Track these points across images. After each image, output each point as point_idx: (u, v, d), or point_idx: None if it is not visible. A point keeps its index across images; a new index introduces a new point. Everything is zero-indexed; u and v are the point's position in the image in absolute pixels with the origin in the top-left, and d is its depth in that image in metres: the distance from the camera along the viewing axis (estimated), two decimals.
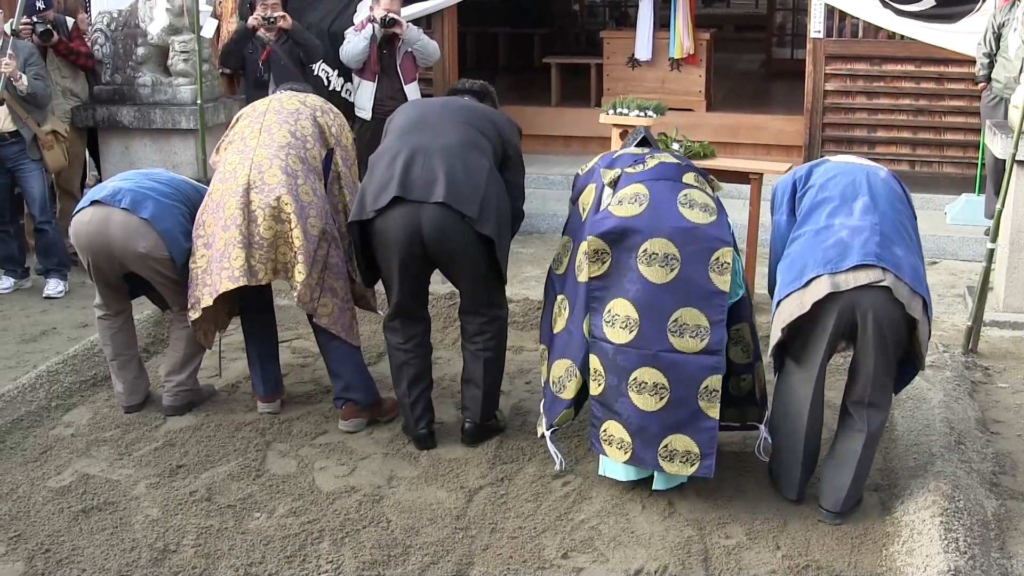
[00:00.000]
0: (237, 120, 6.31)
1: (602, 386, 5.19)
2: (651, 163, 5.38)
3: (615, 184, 5.34)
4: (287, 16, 9.23)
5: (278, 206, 5.75)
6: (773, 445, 5.38)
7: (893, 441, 5.82)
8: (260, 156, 5.90)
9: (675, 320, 5.04)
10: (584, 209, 5.48)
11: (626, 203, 5.19)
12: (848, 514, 5.13)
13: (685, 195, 5.20)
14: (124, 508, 5.33)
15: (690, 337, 5.04)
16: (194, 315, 5.95)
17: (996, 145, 8.09)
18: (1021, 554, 4.91)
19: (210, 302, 5.85)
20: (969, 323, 7.28)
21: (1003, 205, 7.23)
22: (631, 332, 5.08)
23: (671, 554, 4.89)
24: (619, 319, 5.11)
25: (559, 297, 5.49)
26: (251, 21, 9.17)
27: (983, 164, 9.96)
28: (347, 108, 9.47)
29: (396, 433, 6.06)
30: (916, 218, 5.43)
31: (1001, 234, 7.45)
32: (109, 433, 6.09)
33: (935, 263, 9.53)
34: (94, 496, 5.43)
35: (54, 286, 8.73)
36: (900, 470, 5.49)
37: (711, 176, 5.51)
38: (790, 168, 8.46)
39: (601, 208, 5.31)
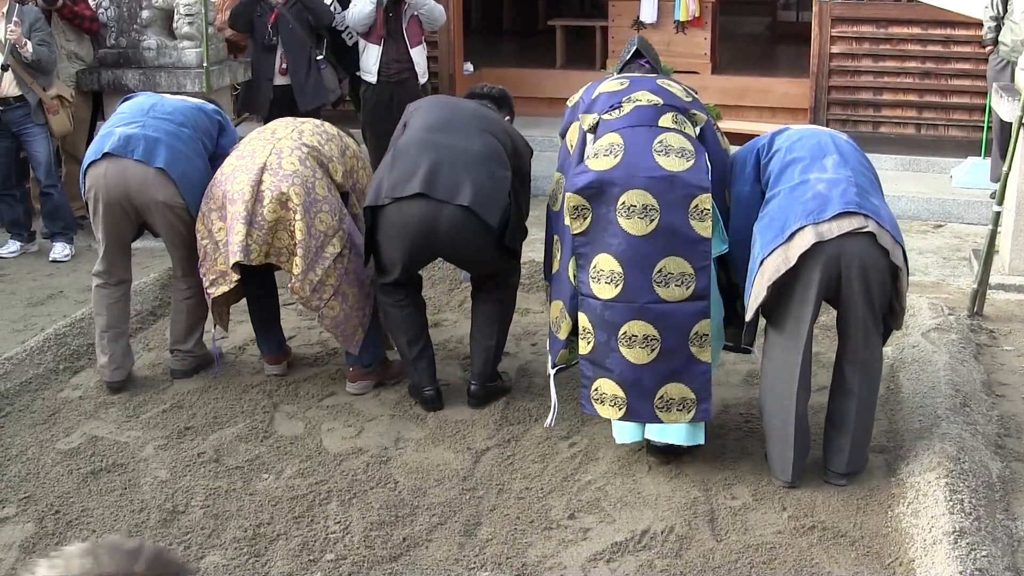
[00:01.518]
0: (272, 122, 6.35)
1: (591, 343, 5.15)
2: (627, 108, 5.25)
3: (594, 130, 5.28)
4: None
5: (287, 193, 5.71)
6: (764, 424, 5.28)
7: (899, 403, 5.84)
8: (282, 145, 5.91)
9: (659, 271, 4.98)
10: (572, 147, 5.47)
11: (601, 155, 5.11)
12: (854, 475, 5.13)
13: (660, 141, 5.09)
14: (133, 470, 5.36)
15: (675, 286, 4.99)
16: (216, 291, 5.94)
17: (1002, 108, 8.09)
18: None
19: (235, 279, 5.85)
20: (975, 286, 7.28)
21: (1009, 168, 7.22)
22: (616, 286, 5.04)
23: (677, 515, 4.91)
24: (604, 274, 5.06)
25: (555, 236, 5.51)
26: None
27: (989, 127, 9.95)
28: None
29: (403, 395, 6.09)
30: (879, 180, 5.38)
31: (1007, 197, 7.44)
32: (117, 395, 6.11)
33: (940, 226, 9.55)
34: (103, 458, 5.46)
35: (60, 250, 8.75)
36: (905, 432, 5.50)
37: (694, 111, 5.32)
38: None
39: (584, 157, 5.26)
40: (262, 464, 5.40)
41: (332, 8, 9.54)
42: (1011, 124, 7.51)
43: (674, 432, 5.20)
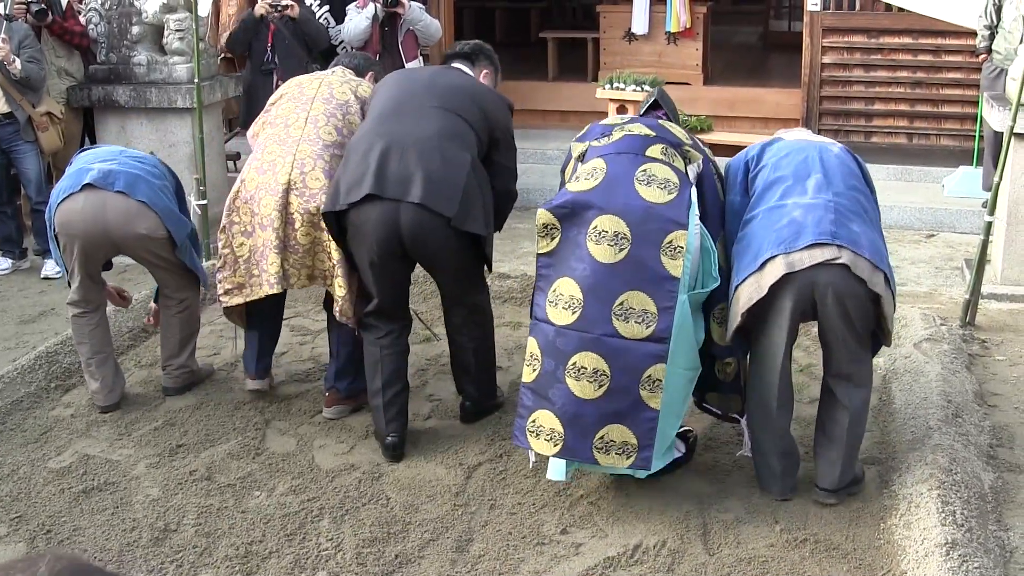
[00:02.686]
0: (280, 97, 6.10)
1: (536, 371, 4.90)
2: (617, 135, 5.10)
3: (583, 158, 5.14)
4: (295, 5, 9.18)
5: (318, 214, 5.54)
6: (751, 438, 5.24)
7: (891, 414, 5.84)
8: (304, 153, 5.68)
9: (621, 303, 4.75)
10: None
11: (582, 179, 4.96)
12: (844, 492, 5.07)
13: (644, 170, 4.91)
14: (124, 488, 5.34)
15: (635, 322, 4.75)
16: (229, 300, 5.89)
17: (993, 118, 8.09)
18: (1018, 526, 4.92)
19: (256, 297, 5.79)
20: (967, 296, 7.29)
21: (1001, 178, 7.23)
22: (574, 313, 4.80)
23: (670, 529, 4.90)
24: (563, 299, 4.84)
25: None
26: (258, 8, 9.12)
27: (981, 136, 9.96)
28: None
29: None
30: (875, 192, 5.27)
31: (999, 207, 7.45)
32: (109, 413, 6.09)
33: (932, 236, 9.56)
34: (94, 476, 5.44)
35: (52, 267, 8.72)
36: (897, 443, 5.50)
37: (687, 147, 5.11)
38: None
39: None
40: (254, 481, 5.38)
41: (327, 27, 9.54)
42: (1002, 134, 7.52)
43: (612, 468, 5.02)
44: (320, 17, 9.57)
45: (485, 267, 5.75)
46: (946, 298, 7.77)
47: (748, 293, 4.85)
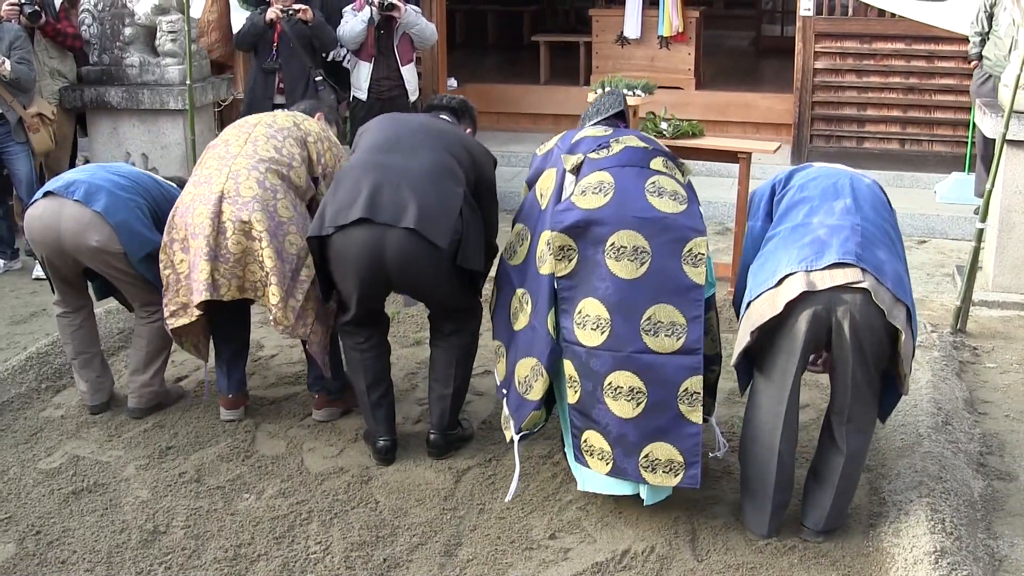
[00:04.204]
0: (226, 129, 6.04)
1: (578, 393, 4.86)
2: (616, 148, 5.01)
3: (578, 171, 4.99)
4: (308, 9, 9.15)
5: (249, 221, 5.46)
6: (742, 474, 5.00)
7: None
8: (239, 166, 5.60)
9: (648, 318, 4.71)
10: (541, 196, 5.13)
11: (590, 193, 4.85)
12: (831, 533, 4.87)
13: (653, 182, 4.86)
14: (114, 490, 5.34)
15: (665, 336, 4.71)
16: (175, 322, 5.70)
17: (986, 124, 8.11)
18: (1007, 534, 4.93)
19: (196, 315, 5.61)
20: (958, 303, 7.30)
21: (993, 184, 7.23)
22: (603, 333, 4.76)
23: (658, 534, 4.90)
24: (590, 320, 4.78)
25: (519, 291, 5.12)
26: (271, 13, 9.09)
27: (973, 143, 9.98)
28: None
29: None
30: (898, 228, 5.04)
31: (990, 213, 7.45)
32: (99, 415, 6.09)
33: (924, 242, 9.57)
34: (84, 478, 5.43)
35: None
36: (887, 450, 5.50)
37: (681, 160, 5.13)
38: (778, 148, 8.51)
39: (563, 198, 4.95)
40: (243, 484, 5.38)
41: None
42: (994, 140, 7.53)
43: (663, 492, 4.97)
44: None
45: (478, 297, 5.67)
46: (937, 305, 7.77)
47: (761, 310, 4.67)
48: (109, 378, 6.24)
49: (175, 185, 6.20)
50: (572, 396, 4.88)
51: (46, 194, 5.83)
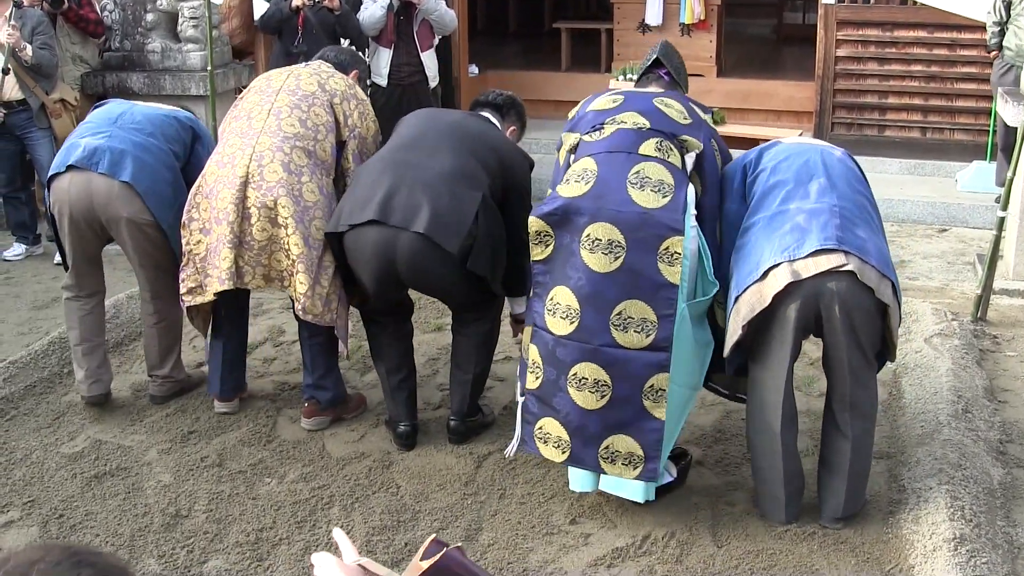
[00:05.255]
0: (248, 91, 5.91)
1: (540, 379, 4.80)
2: (608, 130, 4.89)
3: (574, 151, 4.95)
4: None
5: (275, 208, 5.38)
6: (752, 465, 5.04)
7: (901, 409, 5.84)
8: (263, 145, 5.49)
9: (619, 313, 4.61)
10: (561, 162, 5.10)
11: (572, 181, 4.76)
12: (850, 519, 4.87)
13: (637, 172, 4.70)
14: (136, 474, 5.37)
15: (635, 332, 4.60)
16: (191, 300, 5.65)
17: (1007, 113, 8.09)
18: None
19: (211, 297, 5.57)
20: (978, 291, 7.29)
21: (1014, 173, 7.22)
22: (572, 323, 4.67)
23: (678, 520, 4.92)
24: (560, 308, 4.70)
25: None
26: (296, 0, 9.10)
27: (994, 131, 9.95)
28: None
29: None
30: (874, 199, 5.04)
31: (1012, 202, 7.44)
32: (121, 399, 6.13)
33: (945, 230, 9.55)
34: (107, 462, 5.47)
35: None
36: (907, 438, 5.50)
37: (684, 137, 4.89)
38: (800, 136, 8.50)
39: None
40: (265, 468, 5.41)
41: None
42: (1016, 129, 7.51)
43: (630, 489, 4.87)
44: None
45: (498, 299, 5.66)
46: (958, 293, 7.76)
47: (750, 303, 4.65)
48: (108, 371, 6.12)
49: (189, 113, 6.20)
50: (533, 382, 4.84)
51: (69, 167, 5.72)
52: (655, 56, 5.46)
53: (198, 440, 5.69)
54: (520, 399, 5.02)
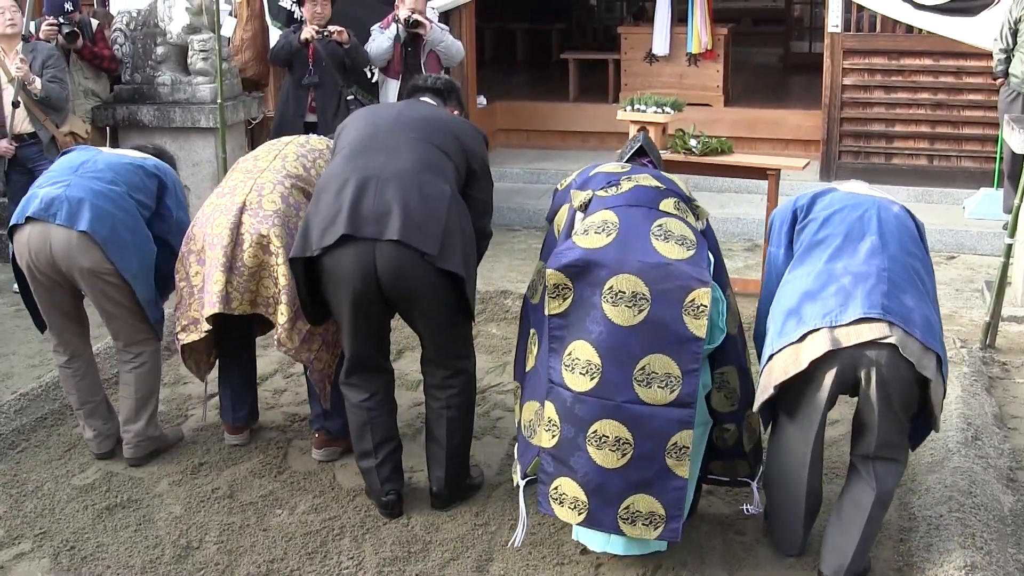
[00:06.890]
0: (233, 169, 5.83)
1: (556, 437, 4.58)
2: (626, 186, 4.77)
3: (585, 208, 4.78)
4: (344, 31, 9.16)
5: (268, 235, 5.33)
6: (769, 502, 4.95)
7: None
8: (264, 179, 5.52)
9: (642, 368, 4.45)
10: (559, 230, 4.96)
11: (592, 232, 4.59)
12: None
13: (660, 225, 4.59)
14: (147, 505, 5.39)
15: (659, 387, 4.45)
16: (185, 337, 5.60)
17: (1014, 140, 8.10)
18: None
19: (204, 332, 5.51)
20: (987, 318, 7.29)
21: (1021, 200, 7.22)
22: (592, 379, 4.49)
23: (689, 550, 4.91)
24: (579, 363, 4.51)
25: (532, 331, 4.93)
26: (305, 33, 9.12)
27: (1001, 158, 9.96)
28: None
29: (417, 428, 6.08)
30: (930, 260, 4.86)
31: (1019, 229, 7.43)
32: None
33: (953, 257, 9.55)
34: (118, 493, 5.49)
35: None
36: (917, 465, 5.50)
37: (696, 203, 4.86)
38: (807, 164, 8.52)
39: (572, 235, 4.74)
40: (276, 500, 5.42)
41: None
42: (1022, 156, 7.52)
43: (637, 545, 4.75)
44: None
45: (471, 326, 5.38)
46: (966, 320, 7.77)
47: (784, 366, 4.53)
48: (114, 423, 5.94)
49: (151, 157, 5.94)
50: (549, 440, 4.63)
51: (28, 219, 5.51)
52: (639, 144, 5.33)
53: (209, 471, 5.70)
54: (521, 482, 4.87)
